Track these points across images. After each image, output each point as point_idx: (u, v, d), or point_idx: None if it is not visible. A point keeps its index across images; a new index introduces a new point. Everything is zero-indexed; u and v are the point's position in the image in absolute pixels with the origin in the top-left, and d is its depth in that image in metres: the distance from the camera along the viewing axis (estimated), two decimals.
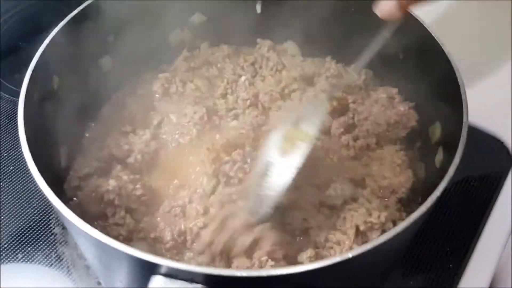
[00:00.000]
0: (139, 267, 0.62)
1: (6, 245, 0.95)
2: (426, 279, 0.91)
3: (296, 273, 0.57)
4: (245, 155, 0.88)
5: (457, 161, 0.68)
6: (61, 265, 0.93)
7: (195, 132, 0.99)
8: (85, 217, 0.80)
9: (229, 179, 0.86)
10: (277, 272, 0.57)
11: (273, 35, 1.15)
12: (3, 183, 1.04)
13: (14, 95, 1.19)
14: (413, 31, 0.90)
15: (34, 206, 1.01)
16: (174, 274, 0.59)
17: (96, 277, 0.92)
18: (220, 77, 1.11)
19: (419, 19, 0.91)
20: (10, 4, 1.41)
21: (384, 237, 0.60)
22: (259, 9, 1.12)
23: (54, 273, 0.92)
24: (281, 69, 1.11)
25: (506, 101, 1.13)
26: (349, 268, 0.63)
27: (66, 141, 0.91)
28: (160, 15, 1.06)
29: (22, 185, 1.04)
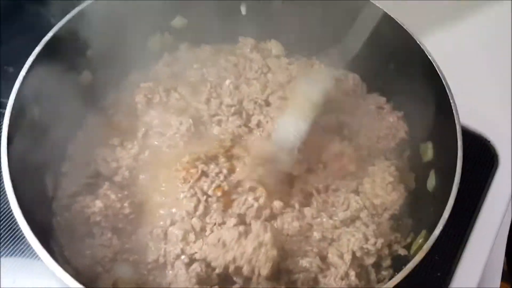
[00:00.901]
0: None
1: None
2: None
3: None
4: (220, 168, 0.89)
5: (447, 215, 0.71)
6: None
7: (182, 144, 0.97)
8: (74, 235, 0.85)
9: (208, 197, 0.87)
10: None
11: (256, 34, 1.12)
12: None
13: None
14: (403, 42, 0.90)
15: None
16: None
17: None
18: (203, 81, 1.07)
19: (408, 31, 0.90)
20: None
21: None
22: (244, 10, 1.08)
23: None
24: (266, 72, 1.09)
25: (494, 101, 1.14)
26: None
27: (49, 168, 0.89)
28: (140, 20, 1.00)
29: None
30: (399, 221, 0.91)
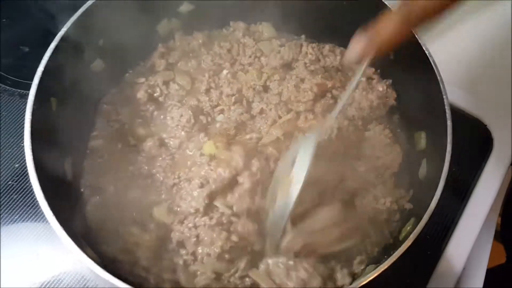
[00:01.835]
0: None
1: None
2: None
3: None
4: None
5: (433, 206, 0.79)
6: None
7: (184, 134, 1.01)
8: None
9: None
10: None
11: (246, 17, 1.15)
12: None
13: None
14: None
15: None
16: None
17: None
18: (200, 70, 1.11)
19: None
20: None
21: None
22: None
23: None
24: (260, 56, 1.12)
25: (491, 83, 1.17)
26: None
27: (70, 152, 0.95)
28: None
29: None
30: (400, 178, 0.99)
